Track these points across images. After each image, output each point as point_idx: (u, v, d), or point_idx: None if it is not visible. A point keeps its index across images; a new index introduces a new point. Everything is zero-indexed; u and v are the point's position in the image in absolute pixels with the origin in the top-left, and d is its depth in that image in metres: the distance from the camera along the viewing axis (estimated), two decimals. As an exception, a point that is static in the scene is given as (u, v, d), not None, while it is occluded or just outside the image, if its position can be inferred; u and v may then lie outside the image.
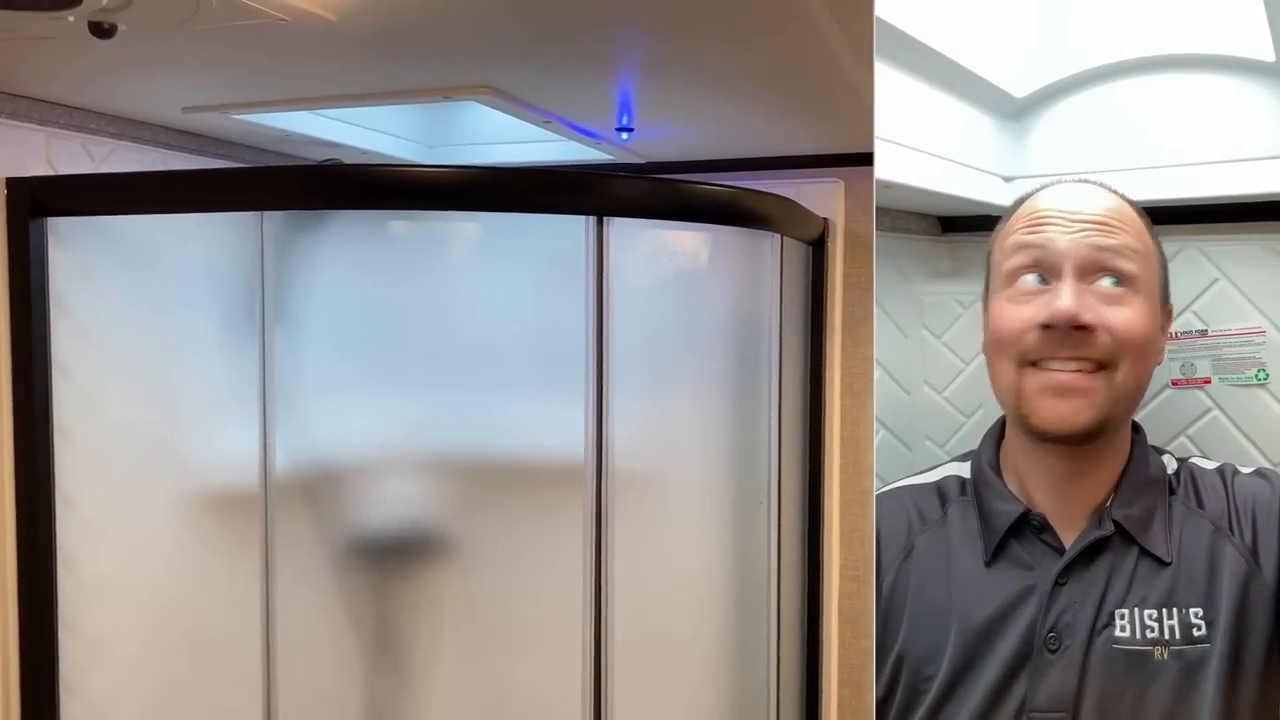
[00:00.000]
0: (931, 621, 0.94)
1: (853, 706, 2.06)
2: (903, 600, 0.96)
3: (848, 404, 2.03)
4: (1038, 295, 0.88)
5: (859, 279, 2.02)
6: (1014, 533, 0.93)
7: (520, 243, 1.50)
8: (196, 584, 1.52)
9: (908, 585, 0.96)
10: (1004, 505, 0.94)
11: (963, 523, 0.96)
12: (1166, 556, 0.89)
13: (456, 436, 1.51)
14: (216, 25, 1.11)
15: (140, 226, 1.48)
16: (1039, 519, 0.92)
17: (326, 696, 1.52)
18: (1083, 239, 0.88)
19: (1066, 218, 0.89)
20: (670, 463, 1.59)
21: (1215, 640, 0.87)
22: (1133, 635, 0.88)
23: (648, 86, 1.51)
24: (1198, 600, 0.88)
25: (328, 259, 1.49)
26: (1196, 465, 0.96)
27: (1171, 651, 0.87)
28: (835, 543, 2.02)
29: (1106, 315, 0.87)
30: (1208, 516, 0.92)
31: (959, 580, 0.94)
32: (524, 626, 1.50)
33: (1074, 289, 0.86)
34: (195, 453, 1.53)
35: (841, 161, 2.01)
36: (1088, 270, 0.88)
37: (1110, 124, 1.07)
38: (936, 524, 0.97)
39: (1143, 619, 0.88)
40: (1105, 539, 0.90)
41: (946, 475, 1.00)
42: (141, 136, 1.65)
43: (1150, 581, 0.89)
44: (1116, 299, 0.88)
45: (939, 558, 0.95)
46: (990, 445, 0.98)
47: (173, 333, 1.53)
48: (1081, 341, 0.86)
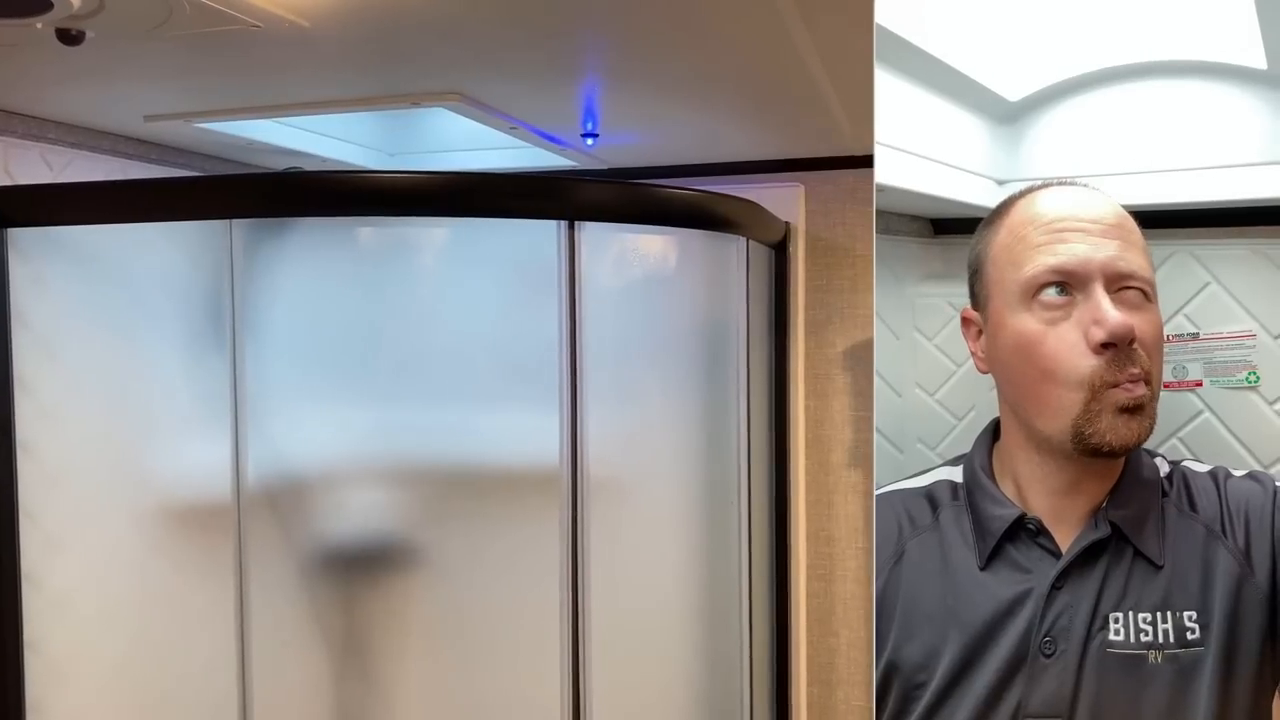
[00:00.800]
0: (924, 626, 0.94)
1: (822, 705, 2.08)
2: (893, 605, 0.96)
3: (812, 405, 2.06)
4: (1066, 309, 0.87)
5: (820, 281, 2.05)
6: (1009, 536, 0.93)
7: (490, 249, 1.50)
8: (163, 599, 1.49)
9: (898, 590, 0.96)
10: (999, 509, 0.94)
11: (955, 527, 0.96)
12: (1159, 560, 0.90)
13: (430, 445, 1.50)
14: (189, 32, 1.10)
15: (101, 237, 1.46)
16: (1035, 522, 0.92)
17: (302, 711, 1.50)
18: (1108, 248, 0.87)
19: (1087, 227, 0.88)
20: (643, 467, 1.60)
21: (1209, 643, 0.88)
22: (1127, 639, 0.88)
23: (613, 92, 1.52)
24: (1192, 603, 0.89)
25: (294, 268, 1.48)
26: (1189, 468, 0.97)
27: (1166, 655, 0.88)
28: (801, 542, 2.04)
29: (1136, 322, 0.87)
30: (1200, 519, 0.92)
31: (953, 584, 0.93)
32: (501, 634, 1.50)
33: (1110, 300, 0.86)
34: (160, 466, 1.51)
35: (802, 166, 2.04)
36: (1114, 280, 0.87)
37: (1103, 129, 1.08)
38: (928, 528, 0.97)
39: (1137, 623, 0.88)
40: (1102, 541, 0.91)
41: (938, 479, 1.00)
42: (100, 146, 1.62)
43: (1144, 585, 0.90)
44: (1140, 305, 0.88)
45: (931, 562, 0.95)
46: (983, 449, 0.98)
47: (136, 345, 1.50)
48: (1133, 355, 0.86)
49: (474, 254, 1.51)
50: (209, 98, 1.47)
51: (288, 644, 1.48)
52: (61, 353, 1.47)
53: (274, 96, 1.45)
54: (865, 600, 2.06)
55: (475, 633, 1.50)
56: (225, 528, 1.46)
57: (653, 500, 1.62)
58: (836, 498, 2.06)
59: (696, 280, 1.65)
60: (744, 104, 1.59)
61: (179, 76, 1.36)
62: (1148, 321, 0.87)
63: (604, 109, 1.63)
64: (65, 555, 1.47)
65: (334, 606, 1.51)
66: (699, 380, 1.66)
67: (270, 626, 1.46)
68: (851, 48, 1.27)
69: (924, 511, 0.98)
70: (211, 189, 1.43)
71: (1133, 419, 0.85)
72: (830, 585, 2.08)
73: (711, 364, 1.68)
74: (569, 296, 1.44)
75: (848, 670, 2.08)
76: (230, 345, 1.42)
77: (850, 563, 2.06)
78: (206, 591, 1.48)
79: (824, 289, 2.05)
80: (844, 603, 2.07)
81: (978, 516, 0.95)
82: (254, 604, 1.44)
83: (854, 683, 2.07)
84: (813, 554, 2.08)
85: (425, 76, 1.39)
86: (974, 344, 0.99)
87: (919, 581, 0.95)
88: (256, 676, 1.44)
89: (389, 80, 1.39)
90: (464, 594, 1.51)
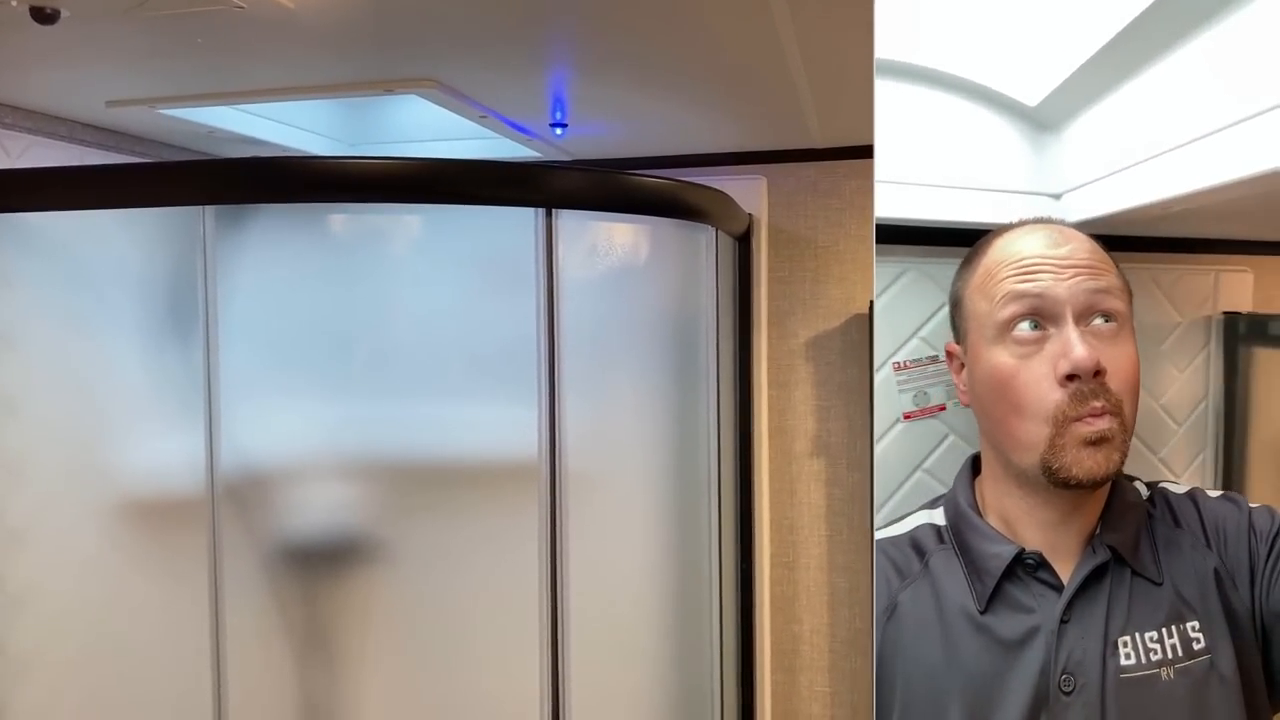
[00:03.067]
0: (928, 680, 0.91)
1: (786, 691, 2.11)
2: (892, 664, 0.93)
3: (775, 395, 2.08)
4: (1038, 344, 0.88)
5: (783, 273, 2.07)
6: (1006, 575, 0.90)
7: (466, 238, 1.49)
8: (130, 595, 1.46)
9: (896, 647, 0.93)
10: (995, 546, 0.91)
11: (946, 572, 0.93)
12: (1157, 577, 0.90)
13: (406, 438, 1.48)
14: (169, 12, 1.07)
15: (61, 225, 1.42)
16: (1035, 557, 0.90)
17: (278, 707, 1.48)
18: (1077, 283, 0.88)
19: (1057, 264, 0.88)
20: (618, 459, 1.60)
21: (1215, 649, 0.88)
22: (1138, 661, 0.87)
23: (584, 79, 1.52)
24: (1193, 614, 0.89)
25: (267, 257, 1.45)
26: (1168, 489, 0.97)
27: (1177, 669, 0.87)
28: (766, 531, 2.06)
29: (1108, 355, 0.87)
30: (1187, 533, 0.93)
31: (953, 632, 0.91)
32: (479, 627, 1.49)
33: (1079, 334, 0.86)
34: (125, 460, 1.47)
35: (764, 159, 2.06)
36: (1084, 314, 0.88)
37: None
38: (918, 576, 0.94)
39: (1145, 642, 0.88)
40: (1103, 566, 0.90)
41: (919, 524, 0.97)
42: (58, 132, 1.58)
43: (1146, 604, 0.89)
44: (1112, 337, 0.88)
45: (926, 612, 0.92)
46: (965, 486, 0.96)
47: (100, 336, 1.46)
48: (1100, 388, 0.86)
49: (449, 243, 1.50)
50: (175, 83, 1.44)
51: (263, 639, 1.46)
52: (22, 343, 1.43)
53: (244, 82, 1.43)
54: (827, 587, 2.09)
55: (453, 626, 1.49)
56: (193, 522, 1.43)
57: (628, 492, 1.62)
58: (799, 486, 2.09)
59: (668, 270, 1.66)
60: (714, 93, 1.60)
61: (147, 60, 1.33)
62: (1120, 354, 0.88)
63: (574, 98, 1.63)
64: (28, 551, 1.43)
65: (309, 602, 1.49)
66: (671, 370, 1.67)
67: (244, 622, 1.43)
68: (834, 39, 1.29)
69: (910, 560, 0.95)
70: (185, 173, 1.41)
71: (1098, 451, 0.85)
72: (794, 573, 2.10)
73: (683, 354, 1.69)
74: (546, 285, 1.44)
75: (811, 656, 2.10)
76: (204, 335, 1.39)
77: (813, 550, 2.09)
78: (175, 586, 1.45)
79: (786, 280, 2.07)
80: (807, 590, 2.10)
81: (970, 557, 0.92)
82: (228, 599, 1.42)
83: (817, 669, 2.10)
84: (776, 542, 2.10)
85: (401, 62, 1.37)
86: (957, 377, 0.98)
87: (916, 634, 0.92)
88: (231, 671, 1.42)
89: (365, 66, 1.38)
90: (442, 588, 1.49)
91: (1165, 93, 0.92)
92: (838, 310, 2.05)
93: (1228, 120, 0.85)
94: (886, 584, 0.94)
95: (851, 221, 2.04)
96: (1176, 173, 0.90)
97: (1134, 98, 0.95)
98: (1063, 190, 1.04)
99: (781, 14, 1.18)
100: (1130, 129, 0.96)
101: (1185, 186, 0.90)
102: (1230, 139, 0.85)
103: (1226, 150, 0.85)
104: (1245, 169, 0.83)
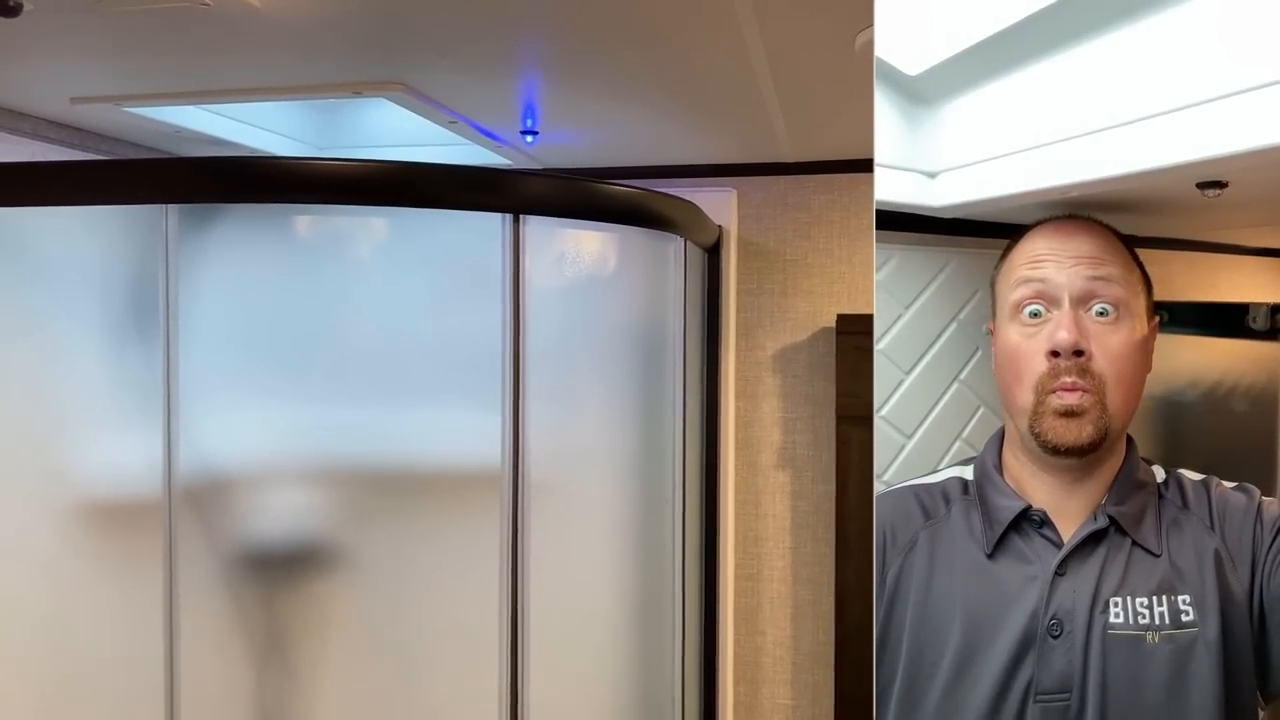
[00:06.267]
0: (936, 608, 1.01)
1: (749, 704, 2.10)
2: (907, 589, 1.04)
3: (742, 406, 2.08)
4: (1042, 325, 0.99)
5: (751, 285, 2.08)
6: (1014, 527, 1.01)
7: (432, 242, 1.48)
8: (83, 596, 1.44)
9: (911, 575, 1.04)
10: (1006, 501, 1.03)
11: (965, 519, 1.04)
12: (1157, 550, 0.99)
13: (368, 444, 1.47)
14: (134, 7, 1.06)
15: (20, 221, 1.40)
16: (1039, 514, 1.01)
17: (232, 714, 1.46)
18: (1077, 272, 0.99)
19: (1062, 256, 1.00)
20: (582, 467, 1.59)
21: (1204, 624, 0.96)
22: (1126, 621, 0.96)
23: (555, 86, 1.52)
24: (1186, 588, 0.98)
25: (230, 259, 1.44)
26: (1184, 474, 1.06)
27: (1163, 635, 0.96)
28: (730, 542, 2.06)
29: (1099, 339, 0.97)
30: (1194, 515, 1.02)
31: (962, 571, 1.01)
32: (440, 633, 1.48)
33: (1071, 318, 0.97)
34: (79, 460, 1.45)
35: (734, 171, 2.07)
36: (1083, 300, 0.99)
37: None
38: (941, 519, 1.06)
39: (1135, 606, 0.97)
40: (1101, 532, 0.99)
41: (950, 476, 1.09)
42: (20, 128, 1.56)
43: (1142, 573, 0.98)
44: (1107, 323, 0.98)
45: (942, 551, 1.04)
46: (994, 449, 1.08)
47: (55, 333, 1.44)
48: (1081, 366, 0.97)
49: (415, 247, 1.49)
50: (141, 81, 1.43)
51: (218, 645, 1.44)
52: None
53: (211, 81, 1.41)
54: (791, 600, 2.09)
55: (413, 634, 1.48)
56: (150, 525, 1.41)
57: (591, 501, 1.61)
58: (764, 498, 2.09)
59: (636, 280, 1.66)
60: (685, 106, 1.61)
61: (112, 57, 1.32)
62: (1113, 340, 0.98)
63: (545, 105, 1.63)
64: (-22, 553, 1.40)
65: (267, 607, 1.47)
66: (637, 379, 1.66)
67: (200, 627, 1.41)
68: (803, 56, 1.29)
69: (938, 504, 1.07)
70: (149, 171, 1.39)
71: (1071, 422, 0.97)
72: (758, 584, 2.10)
73: (649, 363, 1.69)
74: (512, 292, 1.43)
75: (773, 669, 2.10)
76: (164, 336, 1.37)
77: (777, 563, 2.09)
78: (130, 589, 1.43)
79: (755, 292, 2.07)
80: (770, 602, 2.10)
81: (986, 508, 1.03)
82: (183, 603, 1.40)
83: (779, 681, 2.10)
84: (740, 554, 2.10)
85: (369, 65, 1.37)
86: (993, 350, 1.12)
87: (933, 567, 1.03)
88: (184, 677, 1.40)
89: (332, 67, 1.37)
90: (402, 595, 1.48)
91: (1052, 88, 0.99)
92: (805, 323, 2.06)
93: (1113, 120, 0.93)
94: (912, 522, 1.06)
95: (820, 235, 2.05)
96: (1056, 164, 0.99)
97: (1019, 87, 1.02)
98: (938, 170, 1.10)
99: (750, 30, 1.18)
100: (1014, 117, 1.04)
101: (1064, 178, 0.98)
102: (1114, 138, 0.93)
103: (1110, 146, 0.94)
104: (1126, 166, 0.92)
